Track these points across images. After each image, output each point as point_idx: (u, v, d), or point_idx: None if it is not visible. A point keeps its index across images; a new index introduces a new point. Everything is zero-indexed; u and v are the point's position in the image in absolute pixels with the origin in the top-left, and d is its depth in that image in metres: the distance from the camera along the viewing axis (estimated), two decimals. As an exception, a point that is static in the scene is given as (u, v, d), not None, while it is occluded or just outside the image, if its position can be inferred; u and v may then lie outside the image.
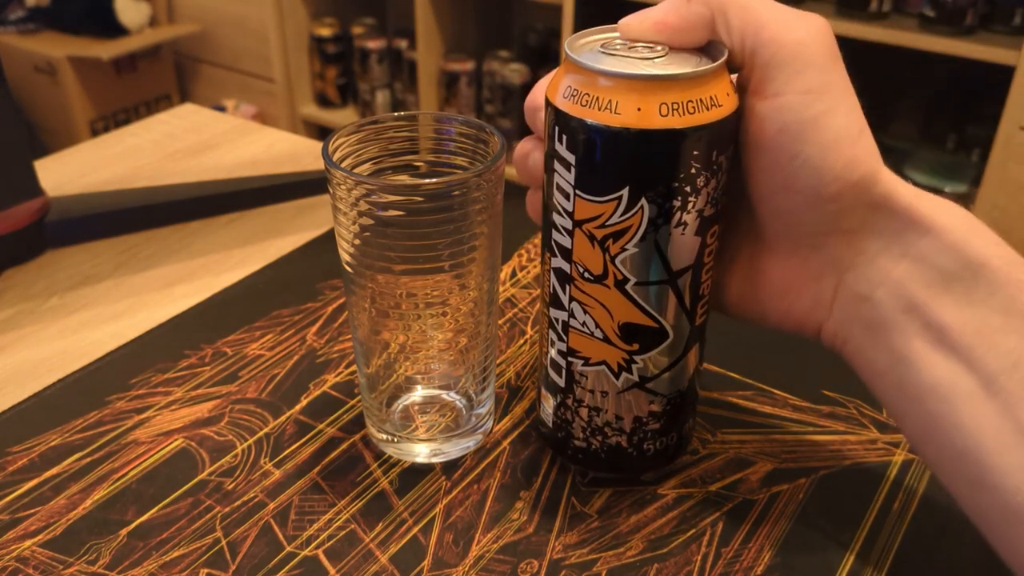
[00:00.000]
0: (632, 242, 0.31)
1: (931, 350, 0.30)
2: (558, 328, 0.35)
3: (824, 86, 0.30)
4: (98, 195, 0.60)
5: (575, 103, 0.30)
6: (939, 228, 0.30)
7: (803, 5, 1.46)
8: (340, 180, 0.33)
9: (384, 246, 0.34)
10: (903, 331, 0.30)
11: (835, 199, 0.30)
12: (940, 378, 0.29)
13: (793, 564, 0.34)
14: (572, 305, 0.34)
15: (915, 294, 0.30)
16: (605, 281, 0.32)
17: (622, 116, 0.29)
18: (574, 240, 0.32)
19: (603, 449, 0.36)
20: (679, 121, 0.29)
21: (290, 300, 0.50)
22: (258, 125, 0.76)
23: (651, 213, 0.31)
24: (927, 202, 0.30)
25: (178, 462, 0.39)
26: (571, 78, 0.31)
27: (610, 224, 0.31)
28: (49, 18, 2.21)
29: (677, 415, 0.36)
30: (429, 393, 0.40)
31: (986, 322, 0.29)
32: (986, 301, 0.29)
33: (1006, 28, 1.35)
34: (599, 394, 0.35)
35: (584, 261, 0.32)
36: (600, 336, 0.33)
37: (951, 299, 0.29)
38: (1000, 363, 0.28)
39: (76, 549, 0.35)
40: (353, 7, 2.18)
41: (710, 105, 0.30)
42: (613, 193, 0.30)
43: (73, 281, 0.53)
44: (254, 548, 0.35)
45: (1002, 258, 0.29)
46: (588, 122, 0.30)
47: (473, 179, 0.34)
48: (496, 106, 1.93)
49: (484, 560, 0.34)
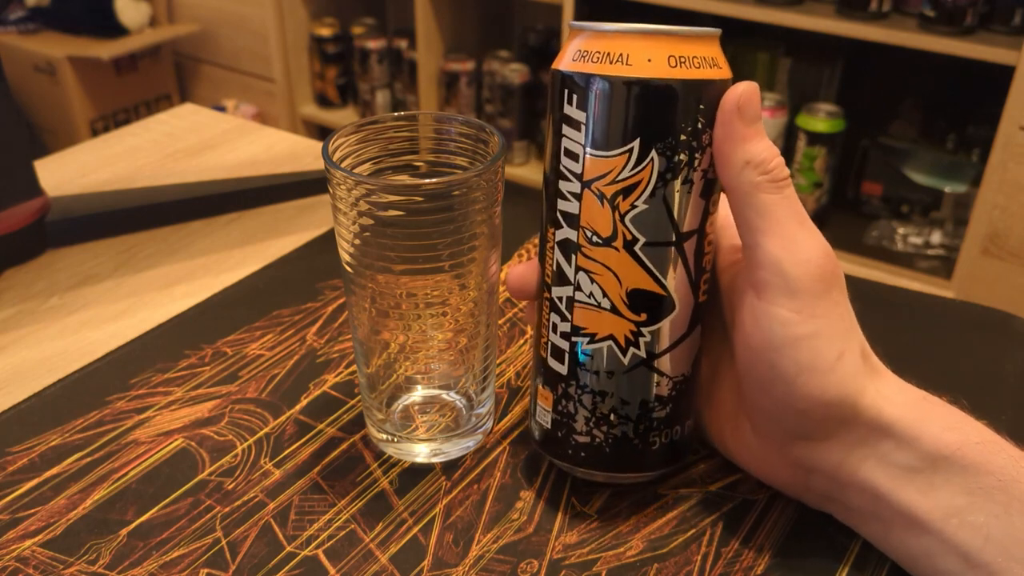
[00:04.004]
0: (642, 198, 0.32)
1: (906, 532, 0.32)
2: (561, 308, 0.35)
3: (813, 311, 0.31)
4: (98, 195, 0.60)
5: (585, 62, 0.32)
6: (897, 429, 0.32)
7: (803, 6, 1.46)
8: (340, 180, 0.33)
9: (384, 246, 0.34)
10: (877, 517, 0.33)
11: (805, 413, 0.32)
12: (921, 552, 0.32)
13: (793, 564, 0.34)
14: (578, 276, 0.34)
15: (880, 487, 0.32)
16: (614, 243, 0.33)
17: (633, 67, 0.31)
18: (582, 203, 0.33)
19: (607, 441, 0.35)
20: (688, 73, 0.31)
21: (290, 300, 0.50)
22: (258, 125, 0.76)
23: (661, 167, 0.32)
24: (888, 404, 0.32)
25: (178, 462, 0.39)
26: (578, 42, 0.32)
27: (621, 179, 0.32)
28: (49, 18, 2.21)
29: (682, 402, 0.36)
30: (429, 393, 0.40)
31: (951, 504, 0.31)
32: (947, 486, 0.31)
33: (1006, 28, 1.35)
34: (604, 375, 0.34)
35: (593, 223, 0.33)
36: (608, 306, 0.34)
37: (915, 488, 0.32)
38: (973, 540, 0.30)
39: (76, 549, 0.35)
40: (353, 7, 2.18)
41: (712, 64, 0.32)
42: (624, 146, 0.32)
43: (73, 281, 0.53)
44: (254, 548, 0.35)
45: (955, 443, 0.31)
46: (600, 75, 0.31)
47: (473, 179, 0.34)
48: (496, 106, 1.92)
49: (484, 560, 0.34)
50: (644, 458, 0.36)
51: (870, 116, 1.62)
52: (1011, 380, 0.45)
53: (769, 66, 1.67)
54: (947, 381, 0.44)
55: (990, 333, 0.48)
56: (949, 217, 1.57)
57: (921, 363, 0.45)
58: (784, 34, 1.52)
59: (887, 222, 1.61)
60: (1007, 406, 0.43)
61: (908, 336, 0.48)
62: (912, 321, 0.49)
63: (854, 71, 1.63)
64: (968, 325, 0.49)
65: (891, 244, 1.58)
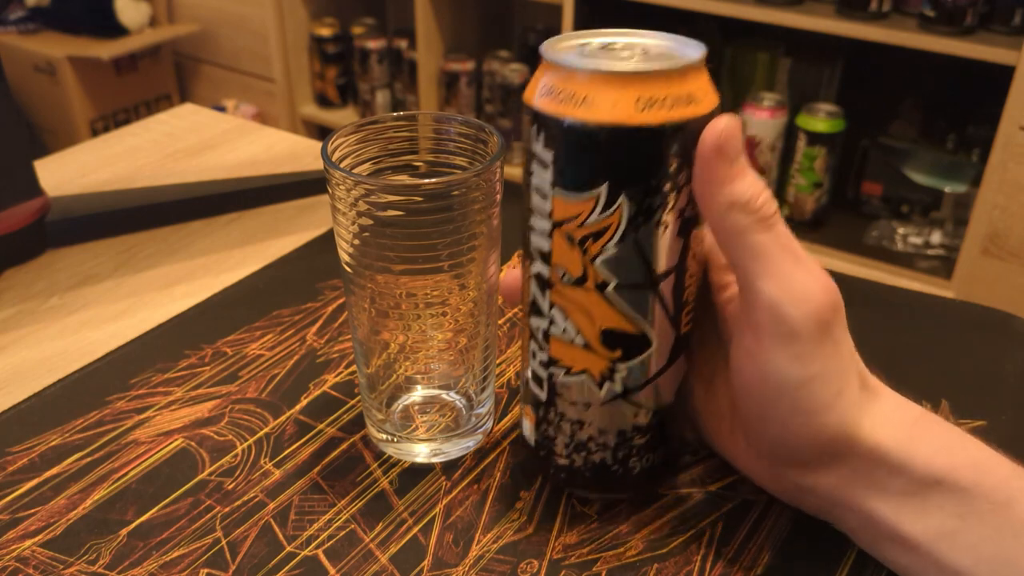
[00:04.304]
0: (612, 242, 0.31)
1: (898, 550, 0.32)
2: (539, 337, 0.34)
3: (812, 355, 0.31)
4: (98, 195, 0.60)
5: (551, 100, 0.30)
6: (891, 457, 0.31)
7: (803, 6, 1.46)
8: (339, 180, 0.33)
9: (383, 246, 0.34)
10: (870, 534, 0.33)
11: (800, 449, 0.32)
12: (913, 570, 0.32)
13: (793, 564, 0.34)
14: (552, 311, 0.33)
15: (873, 512, 0.32)
16: (585, 284, 0.32)
17: (596, 111, 0.29)
18: (553, 242, 0.32)
19: (587, 467, 0.35)
20: (655, 116, 0.29)
21: (290, 300, 0.50)
22: (258, 125, 0.76)
23: (630, 212, 0.30)
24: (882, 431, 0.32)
25: (178, 462, 0.39)
26: (548, 77, 0.30)
27: (588, 223, 0.30)
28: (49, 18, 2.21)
29: (664, 430, 0.35)
30: (429, 393, 0.40)
31: (943, 527, 0.31)
32: (939, 511, 0.31)
33: (1006, 28, 1.35)
34: (582, 406, 0.34)
35: (563, 264, 0.32)
36: (581, 343, 0.33)
37: (908, 512, 0.32)
38: (963, 560, 0.31)
39: (76, 549, 0.35)
40: (353, 7, 2.18)
41: (688, 102, 0.29)
42: (591, 191, 0.30)
43: (73, 281, 0.53)
44: (254, 548, 0.35)
45: (947, 466, 0.31)
46: (564, 118, 0.29)
47: (472, 179, 0.34)
48: (496, 106, 1.92)
49: (484, 560, 0.34)
50: (625, 481, 0.36)
51: (870, 116, 1.62)
52: (1011, 380, 0.45)
53: (769, 66, 1.67)
54: (947, 381, 0.44)
55: (990, 333, 0.48)
56: (949, 217, 1.57)
57: (921, 363, 0.45)
58: (784, 34, 1.52)
59: (887, 222, 1.61)
60: (1007, 406, 0.43)
61: (908, 336, 0.48)
62: (912, 321, 0.49)
63: (854, 71, 1.63)
64: (968, 325, 0.49)
65: (891, 244, 1.58)
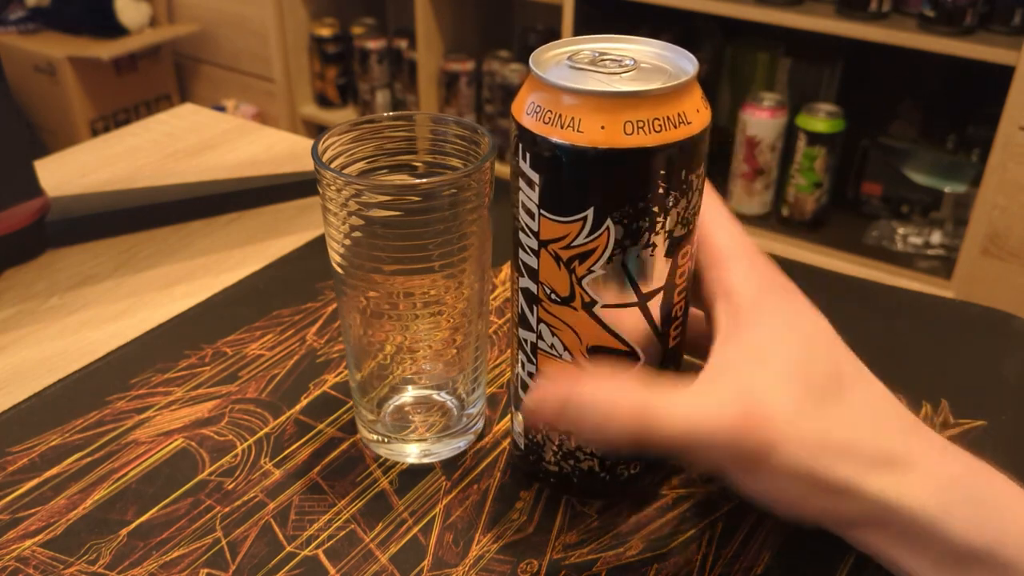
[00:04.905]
0: (599, 264, 0.30)
1: None
2: (527, 349, 0.34)
3: None
4: (98, 195, 0.60)
5: (538, 120, 0.29)
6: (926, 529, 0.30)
7: (803, 6, 1.46)
8: (329, 180, 0.33)
9: (374, 247, 0.34)
10: None
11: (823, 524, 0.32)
12: None
13: (793, 564, 0.34)
14: (540, 327, 0.33)
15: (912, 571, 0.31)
16: (572, 303, 0.31)
17: (585, 134, 0.28)
18: (540, 261, 0.31)
19: (575, 473, 0.36)
20: (645, 139, 0.28)
21: (290, 300, 0.50)
22: (258, 125, 0.76)
23: (618, 234, 0.30)
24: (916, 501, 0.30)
25: (178, 462, 0.39)
26: (535, 95, 0.30)
27: (575, 245, 0.30)
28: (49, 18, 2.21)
29: None
30: (420, 394, 0.40)
31: None
32: None
33: (1006, 28, 1.35)
34: None
35: (550, 282, 0.31)
36: (569, 359, 0.33)
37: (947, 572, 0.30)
38: None
39: (76, 549, 0.35)
40: (353, 7, 2.18)
41: (678, 123, 0.29)
42: (577, 214, 0.30)
43: (73, 281, 0.53)
44: (254, 548, 0.35)
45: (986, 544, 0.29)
46: (551, 140, 0.29)
47: (463, 179, 0.33)
48: (496, 106, 1.92)
49: (484, 560, 0.34)
50: (613, 487, 0.36)
51: (870, 116, 1.62)
52: (1011, 380, 0.45)
53: (769, 66, 1.67)
54: (947, 381, 0.44)
55: (990, 333, 0.48)
56: (949, 217, 1.57)
57: (921, 363, 0.45)
58: (784, 34, 1.52)
59: (887, 222, 1.61)
60: (1007, 406, 0.43)
61: (908, 336, 0.48)
62: (912, 321, 0.49)
63: (854, 71, 1.63)
64: (968, 325, 0.49)
65: (891, 244, 1.58)
